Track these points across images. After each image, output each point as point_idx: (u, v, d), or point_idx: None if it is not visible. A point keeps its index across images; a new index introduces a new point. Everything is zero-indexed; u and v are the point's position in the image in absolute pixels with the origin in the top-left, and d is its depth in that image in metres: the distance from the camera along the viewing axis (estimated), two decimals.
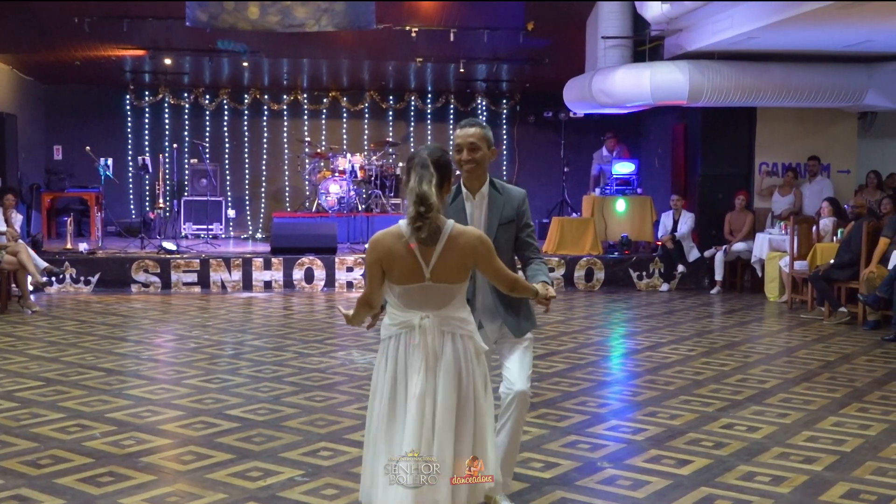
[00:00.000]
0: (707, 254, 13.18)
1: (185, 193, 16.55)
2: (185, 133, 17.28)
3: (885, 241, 9.69)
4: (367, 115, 17.81)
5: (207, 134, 17.33)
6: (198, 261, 12.61)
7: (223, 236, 16.25)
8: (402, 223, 3.59)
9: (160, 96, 17.20)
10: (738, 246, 12.90)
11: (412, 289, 3.58)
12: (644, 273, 13.31)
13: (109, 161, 14.70)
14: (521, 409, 4.13)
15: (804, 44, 11.23)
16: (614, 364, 8.10)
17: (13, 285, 10.86)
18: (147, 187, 17.11)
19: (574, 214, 15.00)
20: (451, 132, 17.90)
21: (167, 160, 16.78)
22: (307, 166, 16.53)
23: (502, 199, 4.20)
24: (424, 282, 3.56)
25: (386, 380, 3.61)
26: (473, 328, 3.69)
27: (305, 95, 17.58)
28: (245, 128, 17.55)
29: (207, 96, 17.34)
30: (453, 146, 4.31)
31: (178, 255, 12.74)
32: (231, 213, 16.94)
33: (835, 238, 11.12)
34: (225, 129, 17.50)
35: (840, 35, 10.50)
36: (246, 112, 17.52)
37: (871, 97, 12.20)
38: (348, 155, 15.90)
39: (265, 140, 17.60)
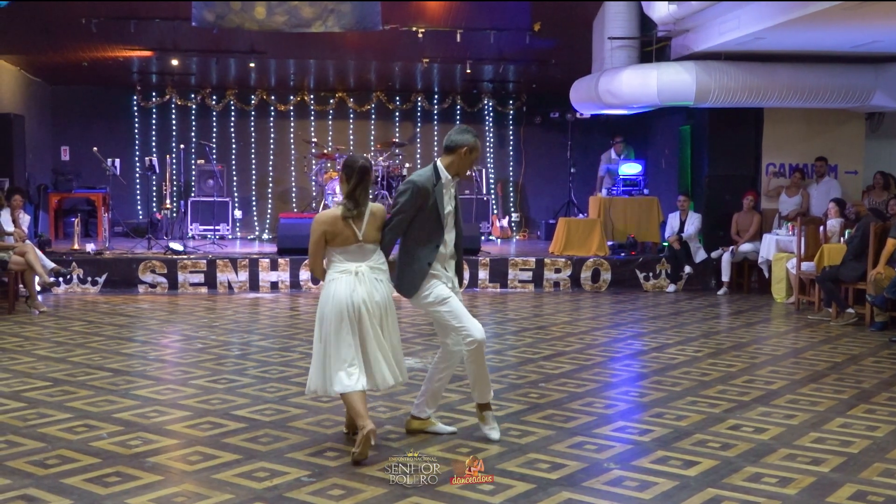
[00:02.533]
0: (714, 255, 13.16)
1: (192, 194, 16.59)
2: (192, 134, 17.31)
3: (893, 243, 9.66)
4: (373, 116, 17.83)
5: (214, 135, 17.36)
6: (205, 261, 12.63)
7: (230, 237, 16.28)
8: (338, 209, 5.30)
9: (167, 97, 17.24)
10: (745, 247, 12.88)
11: (350, 248, 5.28)
12: (651, 274, 13.30)
13: (117, 161, 14.75)
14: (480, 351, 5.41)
15: (811, 44, 11.21)
16: (621, 365, 8.09)
17: (21, 286, 10.89)
18: (154, 188, 17.15)
19: (580, 215, 14.99)
20: None
21: (174, 161, 16.81)
22: (314, 167, 16.53)
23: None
24: (358, 242, 5.28)
25: (334, 306, 5.20)
26: (387, 276, 5.38)
27: (312, 96, 17.60)
28: (252, 128, 17.57)
29: (214, 97, 17.38)
30: (470, 149, 5.42)
31: (185, 256, 12.77)
32: (238, 213, 16.97)
33: (842, 239, 11.10)
34: (232, 129, 17.53)
35: (847, 35, 10.48)
36: (253, 113, 17.54)
37: (878, 98, 12.17)
38: None
39: (272, 141, 17.63)
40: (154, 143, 17.27)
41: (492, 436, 5.48)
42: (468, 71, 15.21)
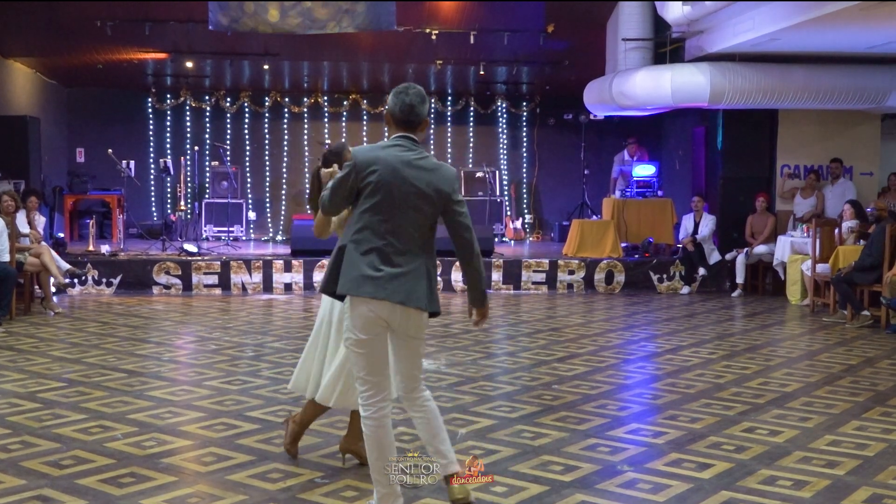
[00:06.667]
0: (728, 256, 13.12)
1: (206, 196, 16.64)
2: (207, 136, 17.37)
3: None
4: None
5: (228, 136, 17.41)
6: (218, 263, 12.66)
7: (244, 238, 16.32)
8: None
9: (182, 99, 17.30)
10: (760, 248, 12.83)
11: None
12: (664, 276, 13.26)
13: (132, 163, 14.82)
14: None
15: (826, 45, 11.15)
16: (634, 367, 8.07)
17: (36, 287, 10.94)
18: (168, 190, 17.21)
19: (594, 217, 14.97)
20: (470, 135, 17.94)
21: (188, 163, 16.89)
22: None
23: None
24: None
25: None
26: None
27: (325, 98, 17.64)
28: (266, 130, 17.62)
29: (228, 99, 17.43)
30: None
31: (199, 258, 12.80)
32: (252, 215, 17.02)
33: (860, 241, 11.04)
34: (246, 131, 17.58)
35: (863, 36, 10.43)
36: (266, 114, 17.59)
37: (894, 99, 12.08)
38: None
39: (286, 142, 17.67)
40: (168, 145, 17.34)
41: None
42: (481, 72, 15.21)
